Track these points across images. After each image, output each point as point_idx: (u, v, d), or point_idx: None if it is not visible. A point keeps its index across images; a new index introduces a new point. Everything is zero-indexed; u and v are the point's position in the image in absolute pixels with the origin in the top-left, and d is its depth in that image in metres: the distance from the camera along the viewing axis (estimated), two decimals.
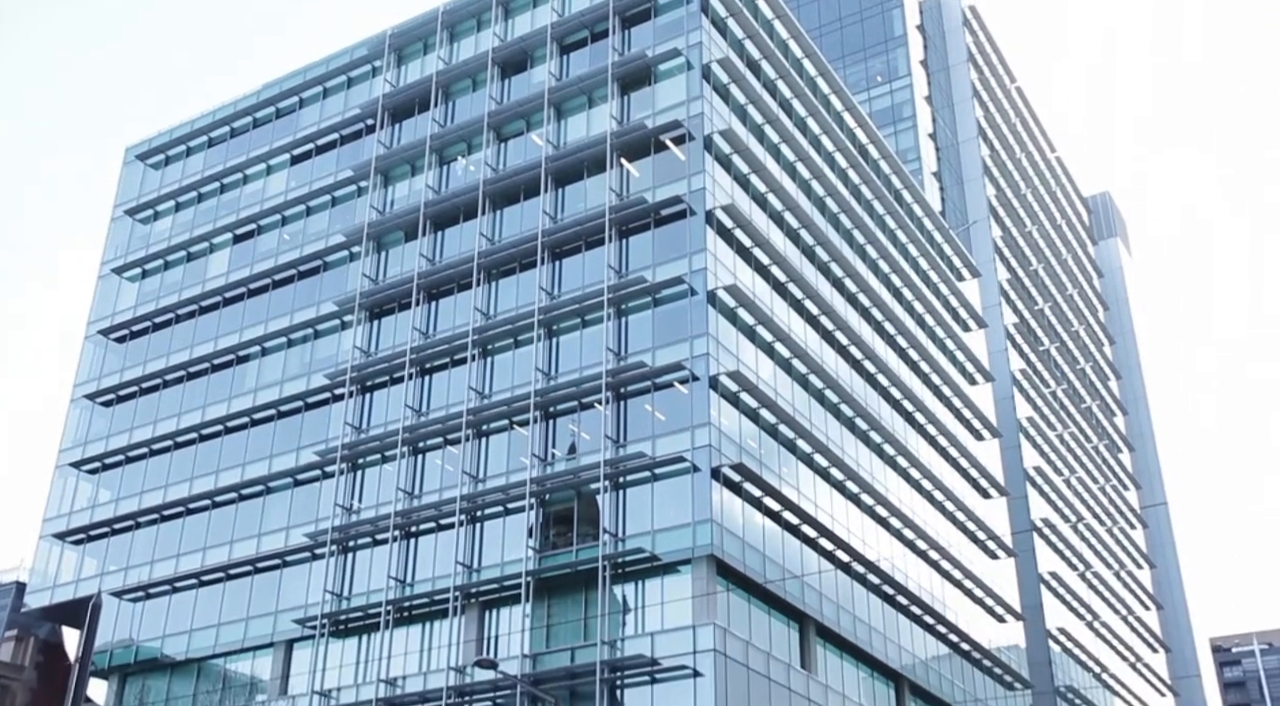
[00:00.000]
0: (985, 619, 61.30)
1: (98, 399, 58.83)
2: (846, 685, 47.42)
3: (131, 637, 51.44)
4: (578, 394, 45.42)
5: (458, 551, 45.13)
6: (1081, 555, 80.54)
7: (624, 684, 40.54)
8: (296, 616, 47.41)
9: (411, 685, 43.81)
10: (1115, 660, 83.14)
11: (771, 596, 43.99)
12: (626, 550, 42.09)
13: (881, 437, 54.84)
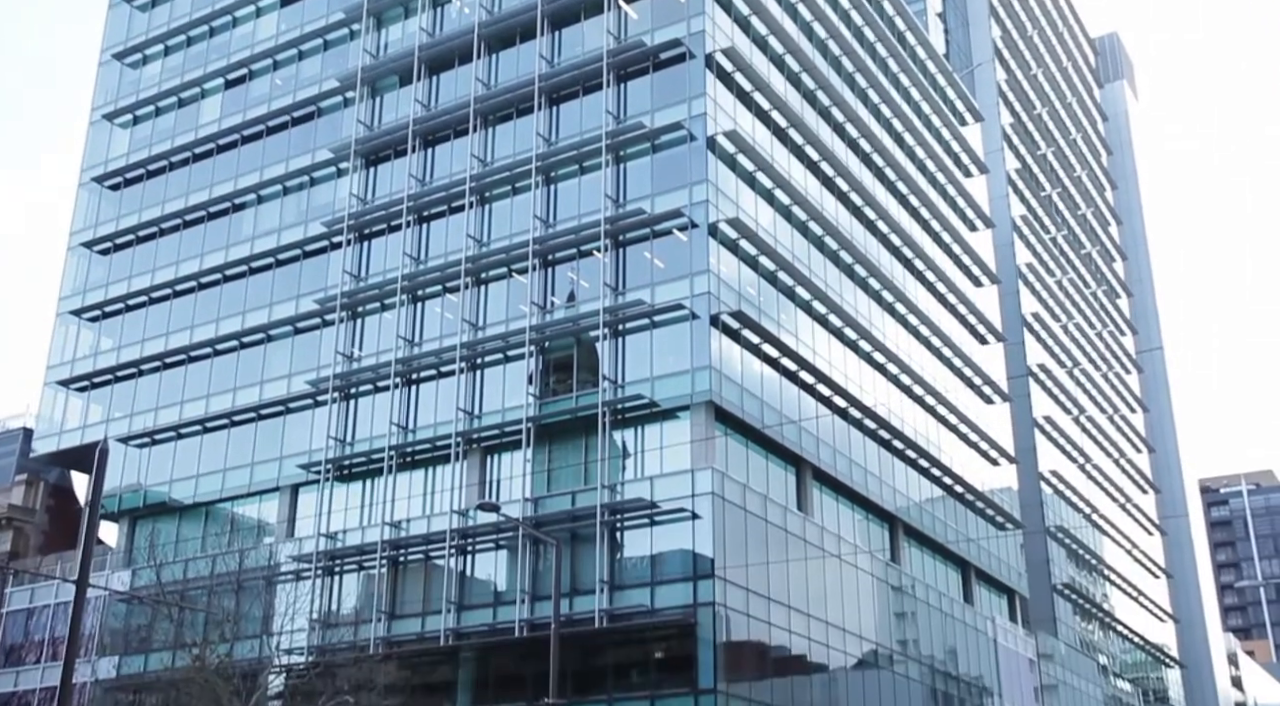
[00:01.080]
0: (979, 462, 62.31)
1: (94, 247, 58.64)
2: (842, 527, 48.47)
3: (139, 482, 52.40)
4: (576, 241, 45.29)
5: (459, 398, 45.59)
6: (1076, 400, 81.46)
7: (624, 526, 41.43)
8: (301, 461, 48.17)
9: (415, 528, 44.78)
10: (1105, 501, 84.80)
11: (769, 441, 44.63)
12: (626, 396, 42.55)
13: (880, 284, 54.88)
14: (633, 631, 40.23)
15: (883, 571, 50.27)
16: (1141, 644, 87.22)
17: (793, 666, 42.63)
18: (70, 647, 26.84)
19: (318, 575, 45.22)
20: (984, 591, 61.01)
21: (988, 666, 57.37)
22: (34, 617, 52.40)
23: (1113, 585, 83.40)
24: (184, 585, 41.84)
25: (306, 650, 41.81)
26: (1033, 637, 64.21)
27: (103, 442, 31.77)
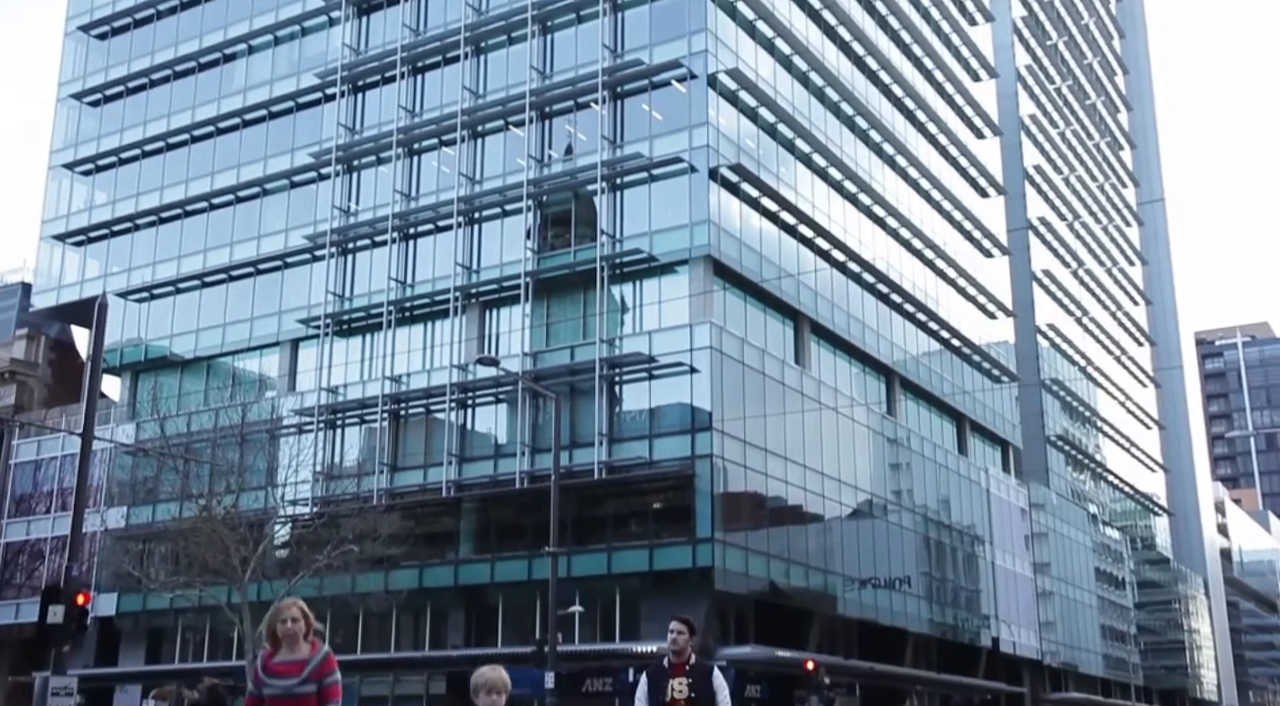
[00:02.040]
0: (976, 315, 62.50)
1: (84, 99, 57.70)
2: (839, 380, 48.86)
3: (140, 337, 52.62)
4: (574, 93, 44.60)
5: (456, 252, 45.48)
6: (1075, 253, 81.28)
7: (622, 380, 41.78)
8: (300, 316, 48.29)
9: (416, 382, 45.15)
10: (1101, 354, 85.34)
11: (767, 295, 44.69)
12: (624, 251, 42.45)
13: (881, 136, 54.23)
14: (631, 482, 40.92)
15: (879, 423, 50.88)
16: (1131, 493, 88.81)
17: (789, 516, 43.47)
18: (78, 498, 27.33)
19: (320, 428, 45.76)
20: (978, 442, 61.86)
21: (980, 515, 58.52)
22: (41, 469, 53.19)
23: (1105, 436, 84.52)
24: (188, 438, 42.36)
25: (311, 501, 42.53)
26: (1025, 487, 65.36)
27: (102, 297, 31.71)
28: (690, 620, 9.18)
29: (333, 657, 7.64)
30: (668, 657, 9.17)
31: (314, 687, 7.38)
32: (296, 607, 7.52)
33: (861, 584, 45.05)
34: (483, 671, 6.61)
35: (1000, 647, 57.72)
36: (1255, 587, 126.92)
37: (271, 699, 7.39)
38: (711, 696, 8.91)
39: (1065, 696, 64.12)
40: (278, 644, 7.54)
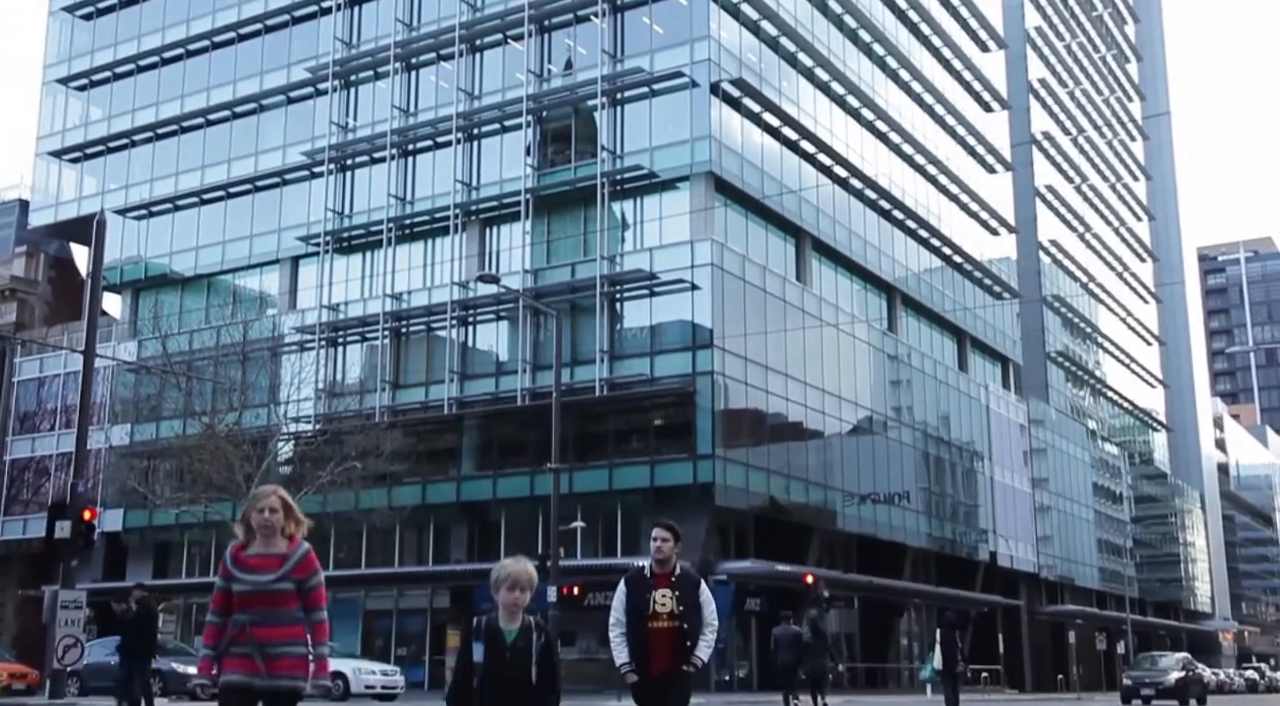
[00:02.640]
0: (978, 232, 62.22)
1: (76, 11, 56.85)
2: (840, 297, 48.81)
3: (140, 254, 52.45)
4: (573, 6, 43.95)
5: (456, 169, 45.16)
6: (1079, 168, 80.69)
7: (623, 297, 41.72)
8: (300, 234, 48.09)
9: (417, 299, 45.09)
10: (1103, 270, 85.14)
11: (769, 211, 44.45)
12: (625, 167, 42.14)
13: (884, 50, 53.53)
14: (632, 399, 41.05)
15: (879, 340, 50.91)
16: (1130, 409, 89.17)
17: (789, 432, 43.68)
18: (82, 416, 27.45)
19: (321, 346, 45.81)
20: (978, 359, 61.96)
21: (979, 431, 58.81)
22: (45, 386, 53.35)
23: (1105, 352, 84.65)
24: (190, 356, 42.43)
25: (313, 418, 42.71)
26: (1024, 403, 65.60)
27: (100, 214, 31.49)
28: (674, 526, 8.10)
29: (314, 557, 6.42)
30: (649, 567, 8.02)
31: (291, 586, 6.23)
32: (277, 496, 6.33)
33: (861, 499, 45.41)
34: (506, 563, 5.67)
35: (998, 561, 58.38)
36: (1251, 501, 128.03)
37: (242, 595, 6.23)
38: (698, 609, 7.84)
39: (1061, 609, 64.98)
40: (252, 536, 6.35)
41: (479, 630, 5.55)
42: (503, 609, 5.53)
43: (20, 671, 30.28)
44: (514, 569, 5.55)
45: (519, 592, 5.49)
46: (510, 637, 5.50)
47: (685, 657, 7.72)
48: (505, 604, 5.53)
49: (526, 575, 5.55)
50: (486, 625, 5.56)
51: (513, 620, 5.55)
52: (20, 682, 29.36)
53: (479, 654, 5.47)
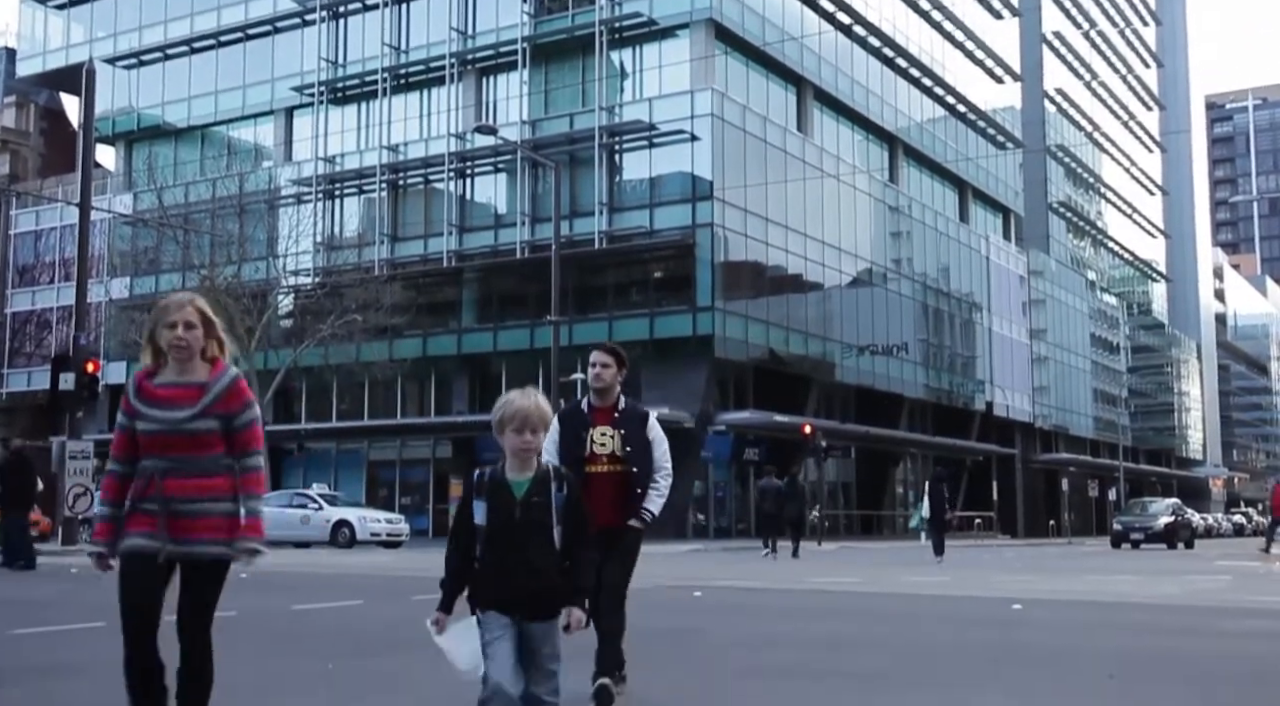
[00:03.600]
0: (983, 80, 61.14)
1: None
2: (841, 147, 48.23)
3: (131, 105, 51.62)
4: None
5: (451, 17, 44.13)
6: (1087, 13, 78.86)
7: (622, 148, 41.23)
8: (293, 84, 47.25)
9: (414, 151, 44.56)
10: (1108, 119, 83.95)
11: (770, 60, 43.61)
12: (624, 14, 41.19)
13: None
14: (632, 252, 40.93)
15: (880, 191, 50.50)
16: (1131, 259, 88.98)
17: (788, 284, 43.67)
18: (80, 268, 27.41)
19: (318, 199, 45.45)
20: (980, 210, 61.56)
21: (979, 283, 58.79)
22: (42, 239, 53.12)
23: (1107, 202, 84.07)
24: (186, 208, 42.13)
25: (313, 271, 42.63)
26: (1024, 254, 65.43)
27: (89, 63, 30.86)
28: (617, 349, 6.44)
29: (244, 385, 4.66)
30: (588, 399, 6.37)
31: (214, 424, 4.52)
32: (193, 307, 4.62)
33: (859, 351, 45.63)
34: (512, 397, 4.33)
35: (994, 411, 59.00)
36: (1248, 351, 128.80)
37: (149, 437, 4.53)
38: (647, 450, 6.21)
39: (1055, 457, 65.94)
40: (162, 360, 4.63)
41: (480, 484, 4.25)
42: (510, 456, 4.23)
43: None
44: (522, 404, 4.22)
45: (529, 434, 4.16)
46: (521, 491, 4.17)
47: (632, 510, 6.11)
48: (513, 449, 4.20)
49: (538, 412, 4.22)
50: (490, 478, 4.25)
51: (524, 468, 4.21)
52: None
53: (481, 515, 4.18)
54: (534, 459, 4.23)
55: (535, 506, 4.16)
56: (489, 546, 4.13)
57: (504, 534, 4.13)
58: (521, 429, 4.16)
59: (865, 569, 21.35)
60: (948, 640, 9.31)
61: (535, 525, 4.14)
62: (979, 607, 12.55)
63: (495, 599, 4.07)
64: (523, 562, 4.09)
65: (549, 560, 4.12)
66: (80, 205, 27.14)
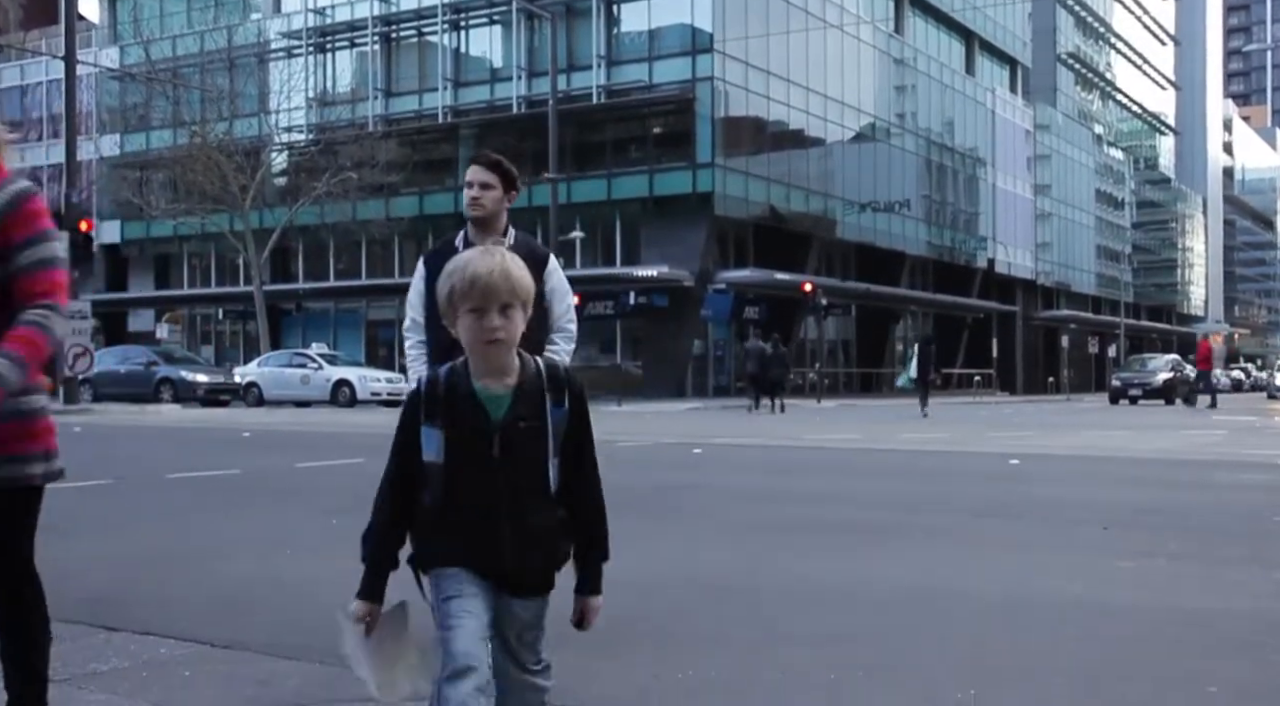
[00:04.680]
0: None
1: None
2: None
3: None
4: None
5: None
6: None
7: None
8: None
9: (405, 2, 43.36)
10: None
11: None
12: None
13: None
14: (631, 107, 40.15)
15: (885, 43, 49.31)
16: (1139, 112, 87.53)
17: (790, 140, 42.95)
18: (69, 124, 26.88)
19: (309, 52, 44.39)
20: (986, 62, 60.25)
21: (984, 137, 57.88)
22: (28, 94, 52.15)
23: (1117, 53, 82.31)
24: (174, 62, 41.20)
25: (306, 128, 41.92)
26: (1031, 108, 64.29)
27: None
28: (504, 162, 4.73)
29: (38, 202, 2.89)
30: (464, 233, 4.75)
31: None
32: None
33: (861, 207, 45.11)
34: (469, 262, 2.61)
35: (995, 268, 58.67)
36: (1254, 205, 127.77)
37: None
38: (537, 296, 3.61)
39: (1055, 313, 65.84)
40: None
41: (430, 400, 2.65)
42: (474, 356, 2.63)
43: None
44: (481, 269, 2.58)
45: (496, 317, 2.57)
46: (500, 410, 2.61)
47: None
48: (474, 344, 2.60)
49: (509, 281, 2.59)
50: (446, 389, 2.65)
51: (499, 373, 2.62)
52: None
53: (434, 449, 2.62)
54: (510, 356, 2.61)
55: (523, 435, 2.59)
56: (448, 499, 2.61)
57: (473, 482, 2.59)
58: (484, 309, 2.55)
59: (863, 426, 21.38)
60: (944, 495, 9.25)
61: (524, 465, 2.60)
62: (976, 463, 12.51)
63: (459, 563, 2.60)
64: (506, 524, 2.58)
65: (545, 517, 2.62)
66: (66, 58, 26.49)
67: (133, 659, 3.99)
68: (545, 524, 2.63)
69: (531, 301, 2.66)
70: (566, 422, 2.64)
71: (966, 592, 5.26)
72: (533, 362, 2.65)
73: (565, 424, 2.64)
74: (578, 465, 2.67)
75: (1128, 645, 4.28)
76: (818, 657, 4.06)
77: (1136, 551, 6.36)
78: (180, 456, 12.91)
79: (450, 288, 2.61)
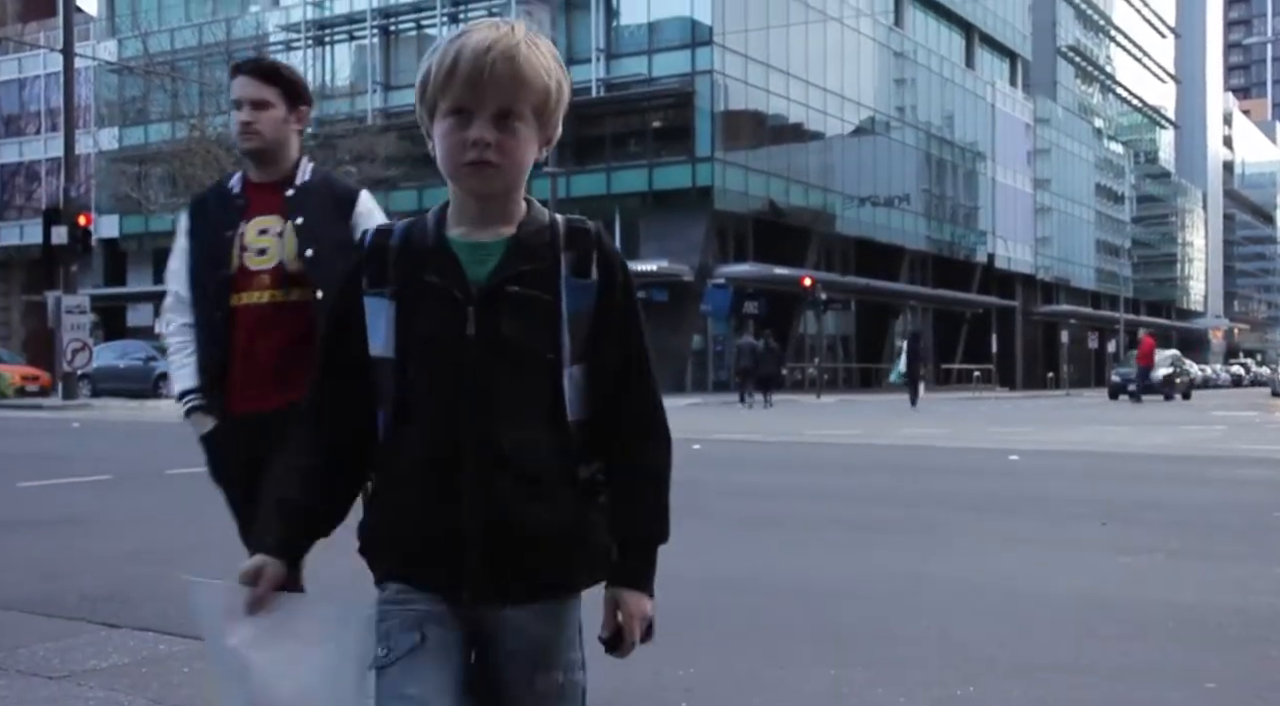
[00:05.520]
0: None
1: None
2: None
3: None
4: None
5: None
6: None
7: None
8: None
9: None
10: None
11: None
12: None
13: None
14: (630, 100, 40.10)
15: (885, 36, 49.26)
16: (1139, 106, 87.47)
17: (789, 134, 42.91)
18: (67, 117, 26.86)
19: (308, 45, 44.34)
20: (986, 55, 60.19)
21: (984, 131, 57.83)
22: (26, 88, 52.04)
23: (1117, 46, 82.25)
24: (173, 55, 41.12)
25: None
26: (1031, 101, 64.23)
27: None
28: (283, 71, 3.30)
29: None
30: (240, 174, 3.31)
31: None
32: None
33: (860, 202, 45.09)
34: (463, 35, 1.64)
35: (995, 263, 58.65)
36: (1254, 200, 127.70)
37: None
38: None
39: (1055, 309, 65.82)
40: None
41: (378, 255, 1.70)
42: (453, 193, 1.70)
43: (32, 374, 30.86)
44: (470, 43, 1.62)
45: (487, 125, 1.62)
46: (481, 266, 1.66)
47: None
48: (450, 166, 1.65)
49: (510, 66, 1.63)
50: (405, 239, 1.70)
51: (492, 218, 1.68)
52: (33, 384, 29.98)
53: (383, 334, 1.67)
54: (506, 193, 1.69)
55: (519, 309, 1.65)
56: (403, 417, 1.66)
57: (444, 381, 1.63)
58: (468, 108, 1.64)
59: (863, 421, 21.38)
60: (945, 490, 9.25)
61: (524, 360, 1.64)
62: (976, 459, 12.51)
63: (417, 551, 1.64)
64: (470, 458, 1.61)
65: (547, 454, 1.65)
66: (64, 51, 26.45)
67: (132, 655, 4.00)
68: (546, 466, 1.62)
69: (554, 113, 1.74)
70: (595, 305, 1.67)
71: (966, 588, 5.27)
72: (545, 212, 1.71)
73: (594, 307, 1.66)
74: (621, 382, 1.68)
75: (1126, 640, 4.29)
76: (818, 653, 4.06)
77: (1136, 547, 6.36)
78: (179, 452, 12.90)
79: (426, 71, 1.66)
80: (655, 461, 1.72)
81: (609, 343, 1.68)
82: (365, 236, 1.74)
